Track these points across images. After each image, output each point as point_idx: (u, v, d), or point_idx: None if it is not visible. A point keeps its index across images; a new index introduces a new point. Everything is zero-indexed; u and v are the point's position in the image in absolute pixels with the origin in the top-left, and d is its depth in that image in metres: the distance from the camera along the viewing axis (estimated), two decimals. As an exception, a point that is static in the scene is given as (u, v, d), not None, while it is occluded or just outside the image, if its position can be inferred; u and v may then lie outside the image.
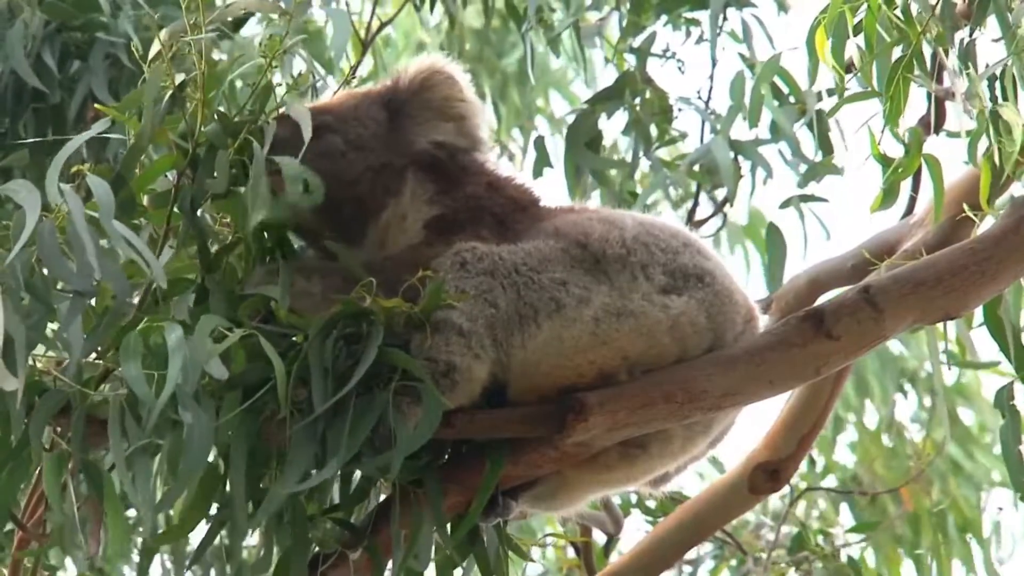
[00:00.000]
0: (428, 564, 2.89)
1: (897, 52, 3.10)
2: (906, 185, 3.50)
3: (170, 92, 2.85)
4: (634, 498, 4.81)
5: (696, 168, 4.79)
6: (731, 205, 4.96)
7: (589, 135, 5.02)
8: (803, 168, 4.60)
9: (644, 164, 5.01)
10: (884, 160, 3.21)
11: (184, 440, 2.62)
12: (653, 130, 4.99)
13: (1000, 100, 3.01)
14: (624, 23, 5.12)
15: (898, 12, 3.07)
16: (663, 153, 5.04)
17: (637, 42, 5.09)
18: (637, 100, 5.02)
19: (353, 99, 3.17)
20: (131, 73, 4.34)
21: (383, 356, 2.75)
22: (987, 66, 3.03)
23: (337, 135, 3.08)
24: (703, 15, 4.99)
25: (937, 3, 3.04)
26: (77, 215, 2.63)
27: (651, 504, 4.83)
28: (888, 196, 3.26)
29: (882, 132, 3.14)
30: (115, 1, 4.40)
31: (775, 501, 6.07)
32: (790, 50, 4.51)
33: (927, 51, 3.15)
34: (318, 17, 5.61)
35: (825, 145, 4.52)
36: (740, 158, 4.68)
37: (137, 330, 2.68)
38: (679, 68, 5.11)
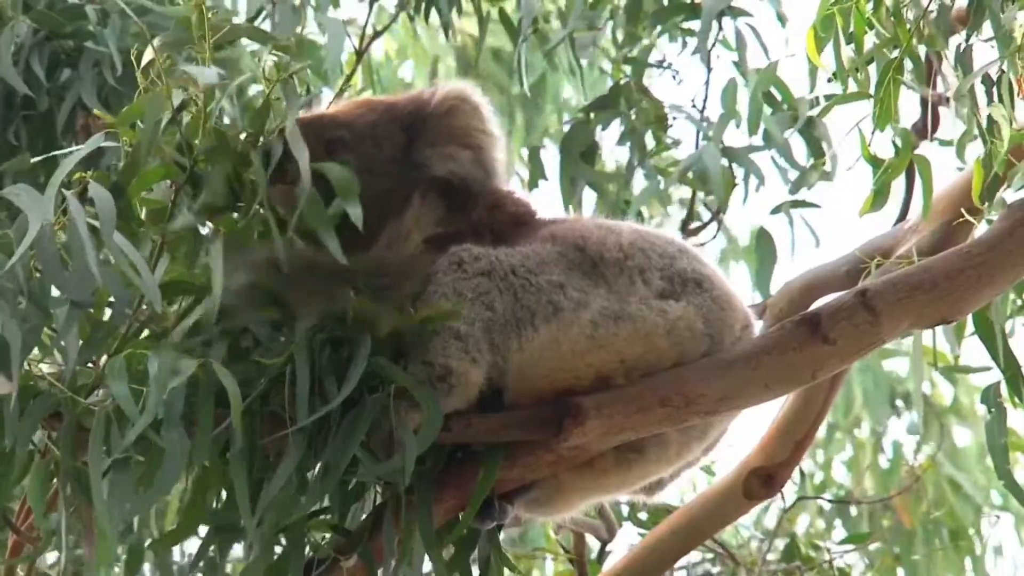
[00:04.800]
0: (420, 569, 2.88)
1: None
2: (899, 190, 3.51)
3: (169, 113, 2.84)
4: (625, 510, 4.79)
5: (689, 175, 4.78)
6: (724, 212, 4.96)
7: (584, 145, 5.02)
8: (794, 175, 4.60)
9: (639, 174, 5.01)
10: (875, 162, 3.22)
11: (163, 458, 2.63)
12: (649, 140, 5.00)
13: (996, 103, 3.02)
14: (619, 34, 5.13)
15: (891, 16, 3.08)
16: (659, 161, 5.04)
17: (633, 53, 5.10)
18: (633, 110, 5.03)
19: (372, 113, 3.13)
20: (120, 81, 4.33)
21: (372, 367, 2.75)
22: (979, 68, 3.04)
23: (352, 154, 3.04)
24: (698, 25, 4.99)
25: (928, 4, 3.05)
26: (79, 224, 2.63)
27: (643, 516, 4.81)
28: (878, 197, 3.26)
29: (872, 134, 3.15)
30: (103, 9, 4.39)
31: (771, 518, 6.08)
32: (787, 57, 4.52)
33: (923, 57, 3.17)
34: (312, 28, 5.60)
35: (817, 151, 4.53)
36: (733, 165, 4.68)
37: (122, 355, 2.69)
38: (674, 78, 5.13)
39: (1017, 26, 2.96)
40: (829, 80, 3.29)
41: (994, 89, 3.09)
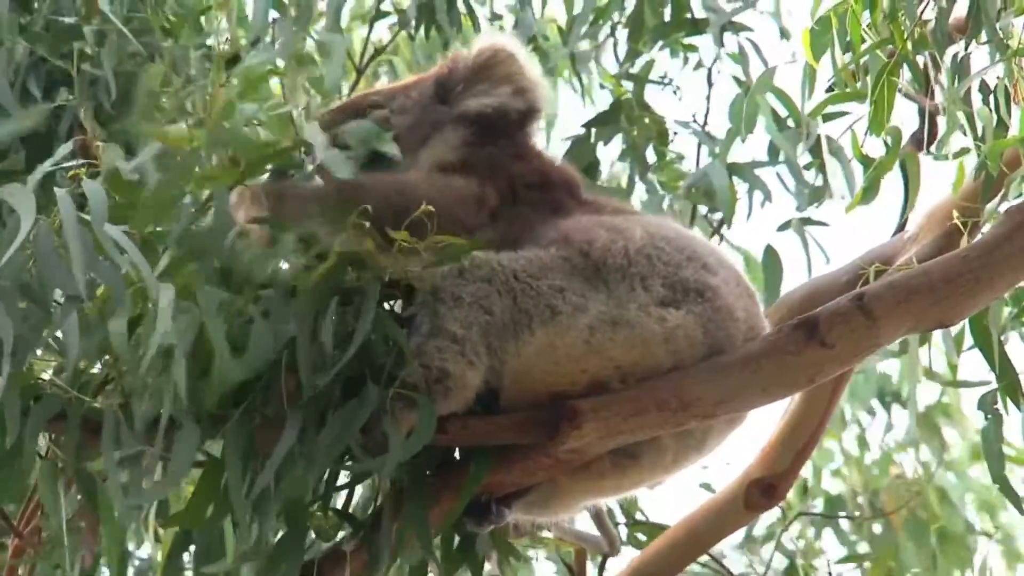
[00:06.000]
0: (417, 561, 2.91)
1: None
2: (898, 200, 3.53)
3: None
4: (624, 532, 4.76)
5: (694, 191, 4.77)
6: (728, 228, 4.94)
7: (586, 160, 5.01)
8: (803, 192, 4.58)
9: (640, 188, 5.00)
10: (866, 161, 3.23)
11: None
12: (651, 155, 4.99)
13: (992, 110, 3.03)
14: (621, 50, 5.13)
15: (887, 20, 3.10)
16: (662, 176, 5.03)
17: (634, 68, 5.10)
18: (634, 127, 5.02)
19: (409, 81, 3.29)
20: (115, 104, 4.33)
21: (380, 323, 2.77)
22: (975, 72, 3.05)
23: (383, 108, 3.16)
24: (700, 40, 5.00)
25: (922, 9, 3.06)
26: (69, 221, 2.63)
27: (641, 536, 4.78)
28: (867, 193, 3.27)
29: (865, 135, 3.16)
30: (100, 31, 4.40)
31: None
32: (788, 63, 4.52)
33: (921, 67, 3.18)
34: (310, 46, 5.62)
35: (823, 169, 4.51)
36: (738, 181, 4.66)
37: (131, 289, 2.69)
38: (675, 94, 5.12)
39: (1015, 32, 2.98)
40: (827, 91, 3.31)
41: (991, 96, 3.10)
